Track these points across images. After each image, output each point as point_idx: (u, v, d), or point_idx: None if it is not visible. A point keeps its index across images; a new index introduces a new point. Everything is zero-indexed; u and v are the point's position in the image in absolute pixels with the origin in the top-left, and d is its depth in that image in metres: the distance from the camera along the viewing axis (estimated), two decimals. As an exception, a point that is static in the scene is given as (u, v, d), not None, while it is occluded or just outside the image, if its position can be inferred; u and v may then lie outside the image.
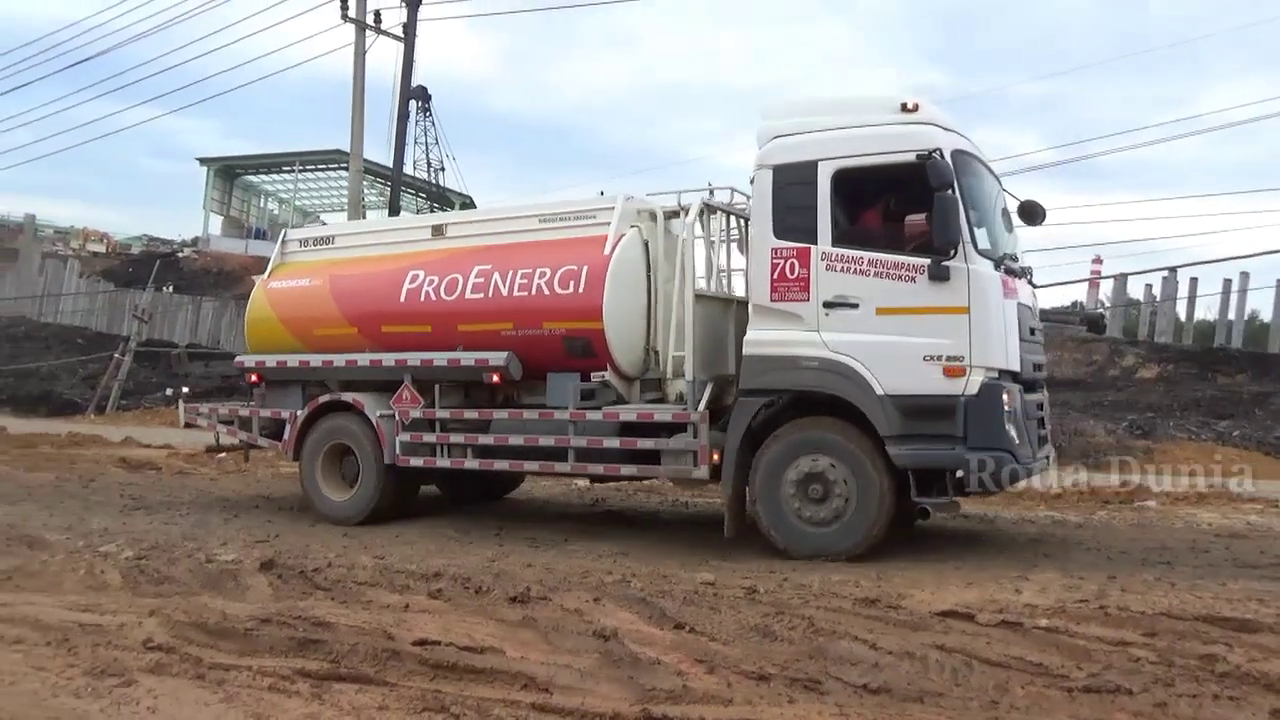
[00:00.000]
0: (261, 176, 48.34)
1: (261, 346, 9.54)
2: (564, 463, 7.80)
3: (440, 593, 5.68)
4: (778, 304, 6.89)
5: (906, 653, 4.48)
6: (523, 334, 7.89)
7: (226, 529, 8.24)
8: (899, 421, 6.47)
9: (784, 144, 7.02)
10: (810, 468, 6.78)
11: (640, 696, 4.00)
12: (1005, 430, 6.37)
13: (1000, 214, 7.40)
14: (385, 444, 8.42)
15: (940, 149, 6.44)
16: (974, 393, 6.33)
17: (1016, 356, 6.63)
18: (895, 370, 6.51)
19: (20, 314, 30.80)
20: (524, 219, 8.53)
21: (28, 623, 5.05)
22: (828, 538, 6.75)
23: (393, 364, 8.48)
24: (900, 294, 6.54)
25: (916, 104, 6.71)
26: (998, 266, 6.62)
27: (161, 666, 4.39)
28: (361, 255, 9.25)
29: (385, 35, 18.42)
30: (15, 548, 7.04)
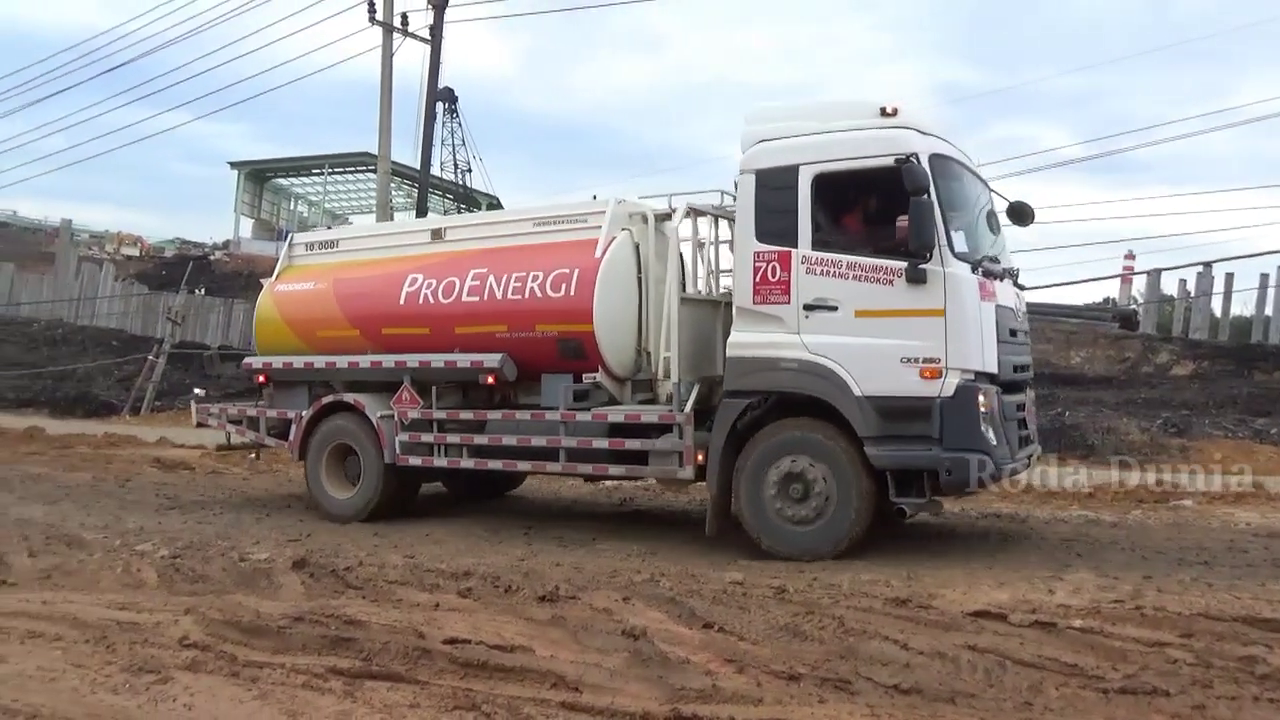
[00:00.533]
0: (291, 179, 48.84)
1: (269, 348, 9.76)
2: (555, 463, 7.96)
3: (470, 591, 5.71)
4: (760, 306, 6.98)
5: (938, 653, 4.45)
6: (517, 336, 8.04)
7: (259, 528, 8.34)
8: (877, 422, 6.54)
9: (766, 148, 7.10)
10: (791, 468, 6.86)
11: (670, 696, 4.00)
12: (981, 432, 6.42)
13: (984, 216, 7.42)
14: (385, 444, 8.61)
15: (916, 153, 6.47)
16: (950, 395, 6.40)
17: (994, 359, 6.66)
18: (873, 372, 6.59)
19: (58, 317, 31.30)
20: (519, 222, 8.77)
21: (67, 620, 5.14)
22: (809, 536, 6.82)
23: (392, 365, 8.67)
24: (878, 297, 6.61)
25: (895, 108, 6.74)
26: (975, 269, 6.64)
27: (197, 664, 4.45)
28: (364, 259, 9.47)
29: (412, 38, 18.52)
30: (54, 546, 7.16)
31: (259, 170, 46.83)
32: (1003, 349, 6.79)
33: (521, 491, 10.90)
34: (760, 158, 7.09)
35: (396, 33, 18.12)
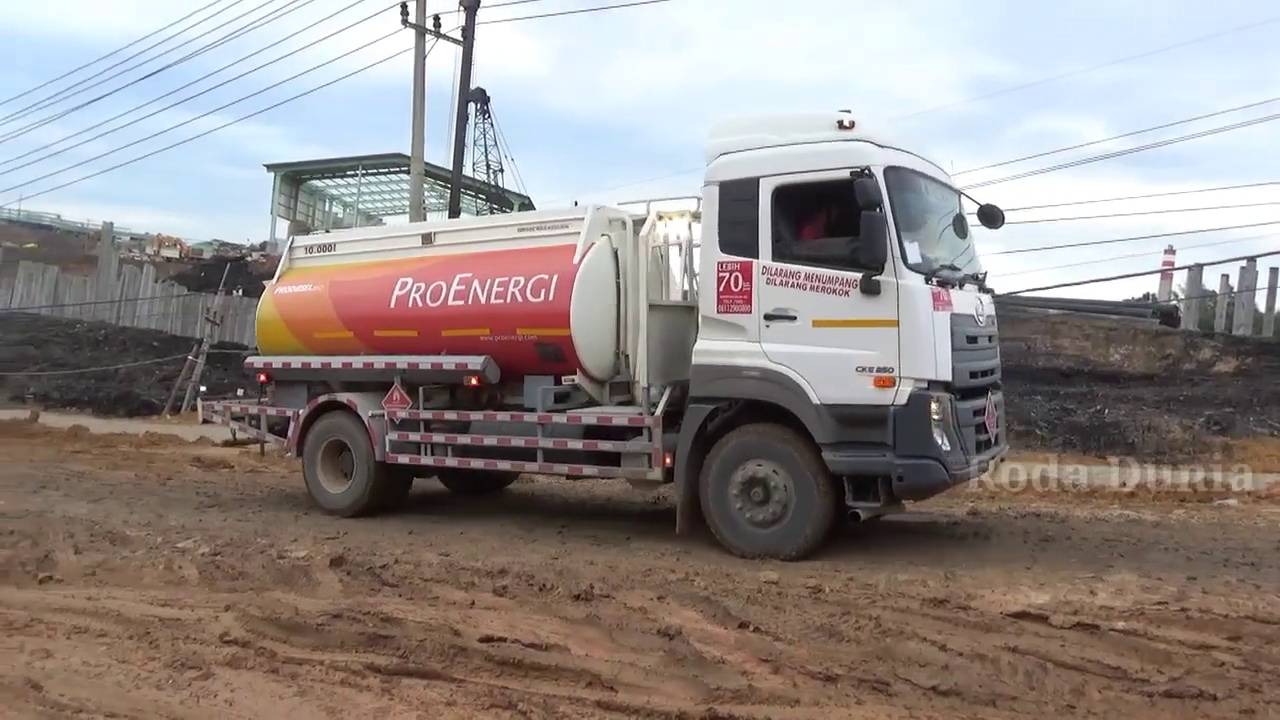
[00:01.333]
0: (326, 181, 49.37)
1: (269, 348, 10.09)
2: (533, 462, 8.18)
3: (505, 590, 5.74)
4: (724, 315, 7.14)
5: (977, 655, 4.40)
6: (499, 339, 8.25)
7: (297, 526, 8.44)
8: (834, 429, 6.68)
9: (729, 161, 7.24)
10: (754, 472, 7.02)
11: (705, 696, 3.99)
12: (933, 439, 6.52)
13: (950, 224, 7.47)
14: (376, 442, 8.89)
15: (870, 167, 6.58)
16: (903, 403, 6.51)
17: (947, 367, 6.73)
18: (830, 380, 6.71)
19: (100, 319, 31.90)
20: (504, 228, 9.18)
21: (111, 616, 5.24)
22: (770, 538, 6.96)
23: (383, 366, 8.95)
24: (834, 307, 6.73)
25: (852, 121, 6.82)
26: (929, 280, 6.70)
27: (238, 660, 4.51)
28: (358, 262, 9.74)
29: (444, 39, 18.64)
30: (99, 543, 7.30)
31: (295, 172, 47.40)
32: (959, 357, 6.88)
33: (555, 490, 10.93)
34: (723, 170, 7.25)
35: (429, 34, 18.23)
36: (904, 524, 8.58)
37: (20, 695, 4.04)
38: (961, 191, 7.92)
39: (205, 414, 11.08)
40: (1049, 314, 24.42)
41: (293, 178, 47.44)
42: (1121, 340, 21.68)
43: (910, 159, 7.14)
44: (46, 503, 9.56)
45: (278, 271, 10.50)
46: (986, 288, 7.93)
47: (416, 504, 9.68)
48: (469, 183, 31.79)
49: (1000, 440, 7.77)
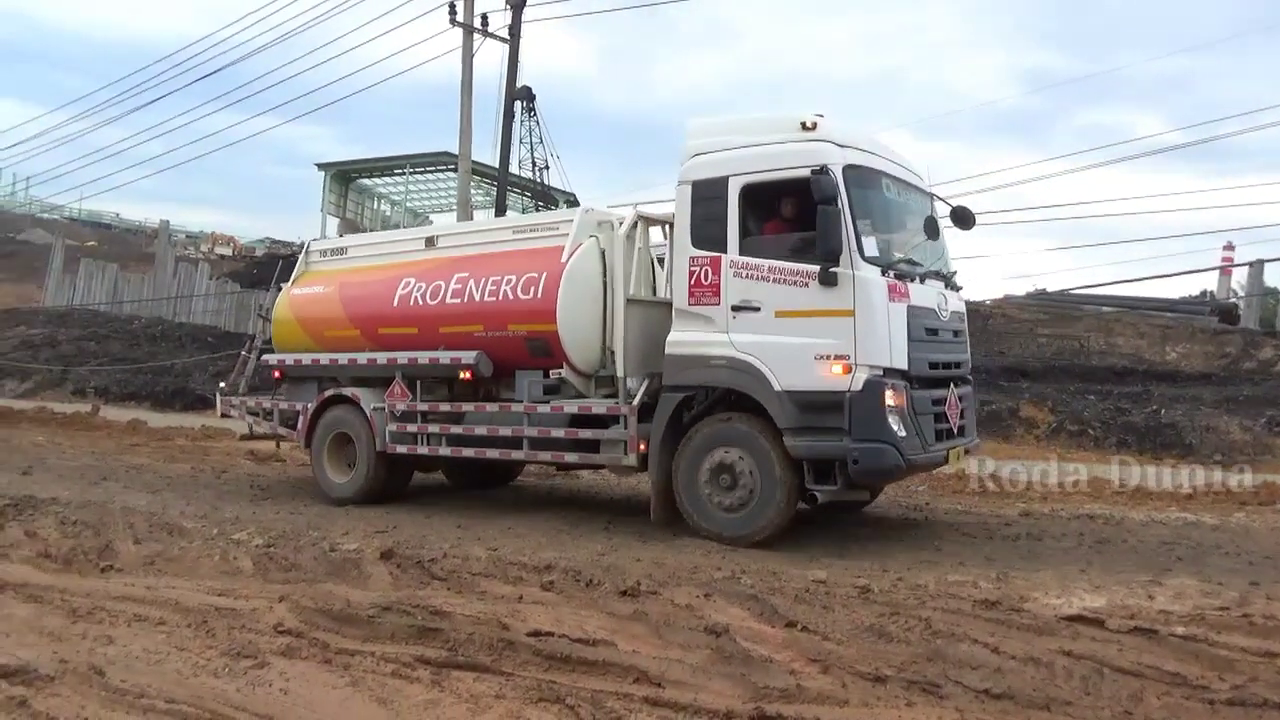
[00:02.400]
0: (375, 180, 49.96)
1: (284, 346, 10.70)
2: (520, 450, 8.55)
3: (552, 585, 5.76)
4: (694, 308, 7.52)
5: (1031, 658, 4.33)
6: (492, 335, 8.69)
7: (348, 519, 8.57)
8: (795, 415, 6.99)
9: (701, 161, 7.65)
10: (722, 458, 7.33)
11: (754, 694, 3.97)
12: (887, 424, 6.78)
13: (917, 221, 7.75)
14: (377, 433, 9.36)
15: (828, 165, 6.90)
16: (858, 389, 6.79)
17: (903, 356, 6.99)
18: (791, 368, 7.02)
19: (157, 315, 32.70)
20: (500, 230, 9.77)
21: (169, 605, 5.36)
22: (738, 522, 7.28)
23: (385, 362, 9.45)
24: (795, 298, 7.06)
25: (815, 122, 7.18)
26: (885, 272, 6.97)
27: (292, 650, 4.59)
28: (366, 264, 10.29)
29: (492, 38, 18.79)
30: (157, 534, 7.47)
31: (344, 171, 48.05)
32: (917, 347, 7.12)
33: (599, 487, 10.98)
34: (695, 170, 7.64)
35: (476, 33, 18.38)
36: (953, 524, 8.50)
37: (85, 680, 4.16)
38: (934, 194, 8.25)
39: (223, 408, 11.66)
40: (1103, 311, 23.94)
41: (342, 176, 48.09)
42: (1178, 338, 21.18)
43: (872, 159, 7.44)
44: (107, 494, 9.82)
45: (294, 274, 11.09)
46: (956, 285, 8.21)
47: (464, 501, 9.78)
48: (515, 180, 31.98)
49: (968, 432, 8.00)
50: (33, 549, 6.93)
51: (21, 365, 28.86)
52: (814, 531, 8.02)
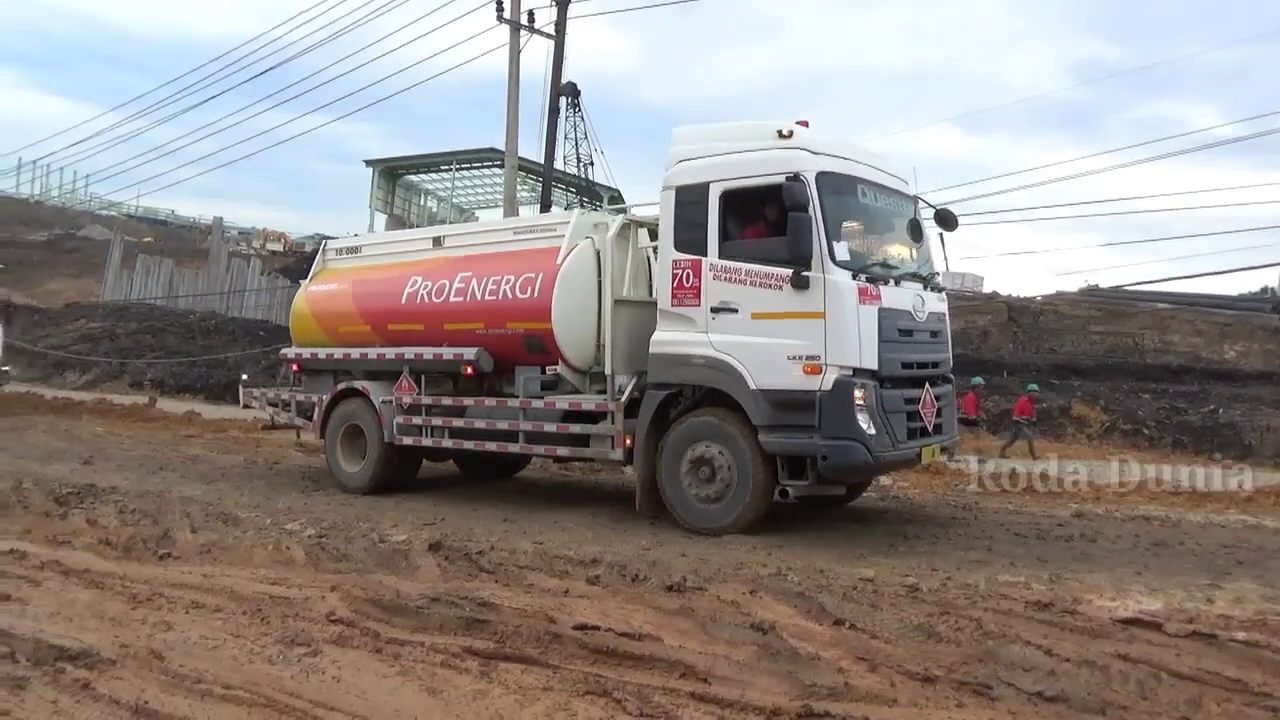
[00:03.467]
0: (421, 176, 50.49)
1: (301, 340, 11.16)
2: (516, 443, 8.92)
3: (598, 579, 5.79)
4: (677, 309, 7.82)
5: (1085, 661, 4.25)
6: (493, 332, 9.03)
7: (396, 511, 8.68)
8: (769, 413, 7.25)
9: (684, 167, 7.94)
10: (702, 452, 7.64)
11: (801, 692, 3.95)
12: (856, 422, 7.00)
13: (898, 225, 8.05)
14: (385, 425, 9.73)
15: (801, 172, 7.15)
16: (828, 388, 7.04)
17: (873, 356, 7.20)
18: (765, 367, 7.29)
19: (211, 309, 33.43)
20: (503, 232, 10.09)
21: (225, 593, 5.48)
22: (715, 513, 7.57)
23: (393, 357, 9.86)
24: (770, 301, 7.32)
25: (790, 130, 7.44)
26: (857, 275, 7.20)
27: (343, 639, 4.67)
28: (378, 263, 10.73)
29: (538, 34, 18.86)
30: (213, 523, 7.64)
31: (392, 168, 48.62)
32: (888, 348, 7.34)
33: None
34: (679, 176, 7.93)
35: (523, 30, 18.46)
36: (1003, 523, 8.38)
37: (145, 664, 4.27)
38: (919, 197, 8.46)
39: (245, 399, 12.21)
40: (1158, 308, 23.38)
41: (390, 173, 48.67)
42: (1237, 336, 20.63)
43: (849, 165, 7.65)
44: (165, 483, 10.07)
45: (312, 271, 11.57)
46: (938, 287, 8.38)
47: (509, 495, 9.86)
48: (559, 176, 32.11)
49: (946, 430, 8.14)
50: (94, 536, 7.13)
51: (82, 358, 29.70)
52: (861, 530, 7.96)
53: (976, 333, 31.43)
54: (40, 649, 4.43)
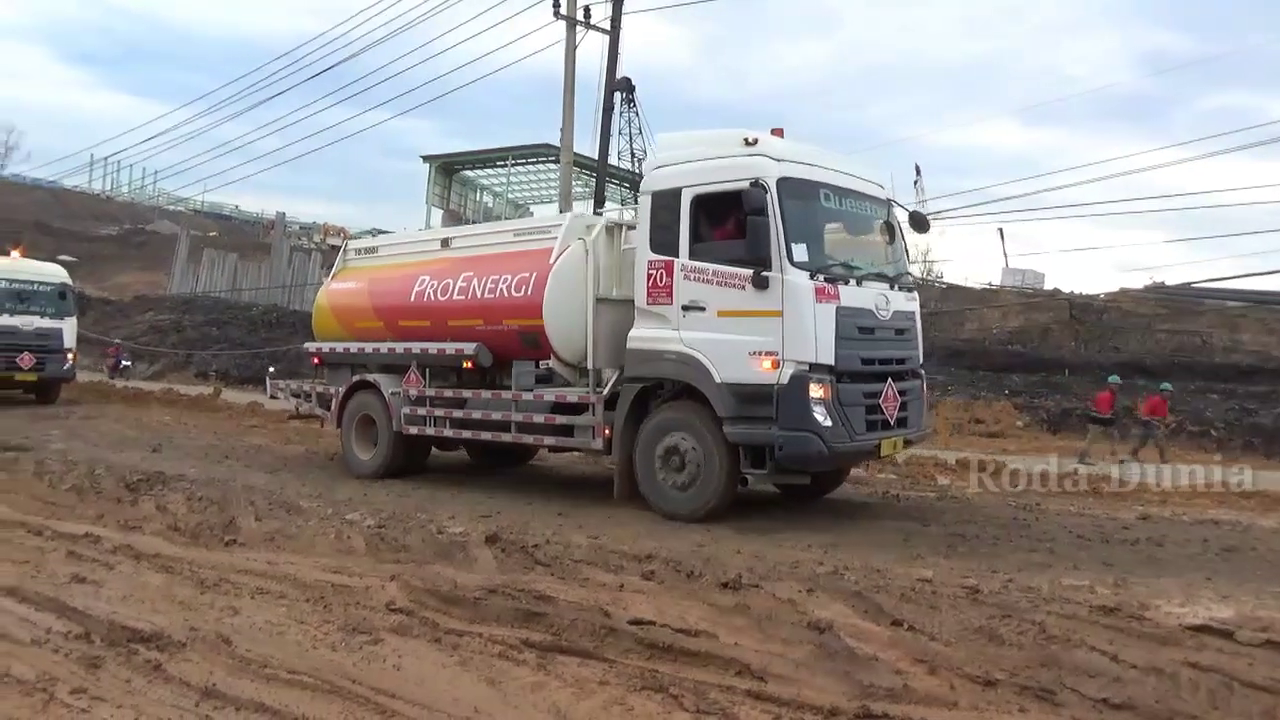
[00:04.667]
0: (477, 171, 51.01)
1: (322, 335, 11.83)
2: (509, 433, 9.43)
3: (653, 574, 5.79)
4: (651, 307, 8.25)
5: (1153, 668, 4.14)
6: (491, 329, 9.54)
7: (454, 503, 8.79)
8: (732, 405, 7.64)
9: (660, 174, 8.42)
10: (673, 442, 8.06)
11: (858, 692, 3.92)
12: (811, 415, 7.37)
13: (859, 227, 8.48)
14: (394, 415, 10.27)
15: (761, 178, 7.56)
16: (785, 383, 7.41)
17: (829, 352, 7.52)
18: (729, 362, 7.69)
19: (273, 302, 34.25)
20: (504, 234, 10.63)
21: (289, 580, 5.62)
22: (684, 500, 7.99)
23: (402, 351, 10.42)
24: (734, 299, 7.72)
25: (755, 139, 7.87)
26: (814, 276, 7.52)
27: (403, 628, 4.75)
28: (392, 263, 11.33)
29: (594, 29, 18.92)
30: (276, 512, 7.82)
31: (448, 163, 49.20)
32: (847, 345, 7.65)
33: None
34: (655, 181, 8.41)
35: (579, 26, 18.52)
36: (1066, 525, 8.21)
37: (213, 648, 4.39)
38: (892, 200, 8.79)
39: (272, 390, 13.13)
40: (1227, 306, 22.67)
41: (446, 168, 49.25)
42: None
43: (812, 170, 7.98)
44: (230, 472, 10.34)
45: (333, 270, 12.28)
46: (907, 286, 8.69)
47: (565, 489, 9.93)
48: (614, 172, 32.15)
49: (911, 423, 8.40)
50: (163, 522, 7.36)
51: (151, 349, 30.60)
52: (918, 529, 7.86)
53: (1037, 331, 30.82)
54: (114, 630, 4.59)
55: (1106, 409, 15.12)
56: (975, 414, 19.39)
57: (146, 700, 3.79)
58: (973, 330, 31.90)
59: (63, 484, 8.99)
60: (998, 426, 18.63)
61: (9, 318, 18.26)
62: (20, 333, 18.31)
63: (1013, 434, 18.14)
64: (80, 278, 36.04)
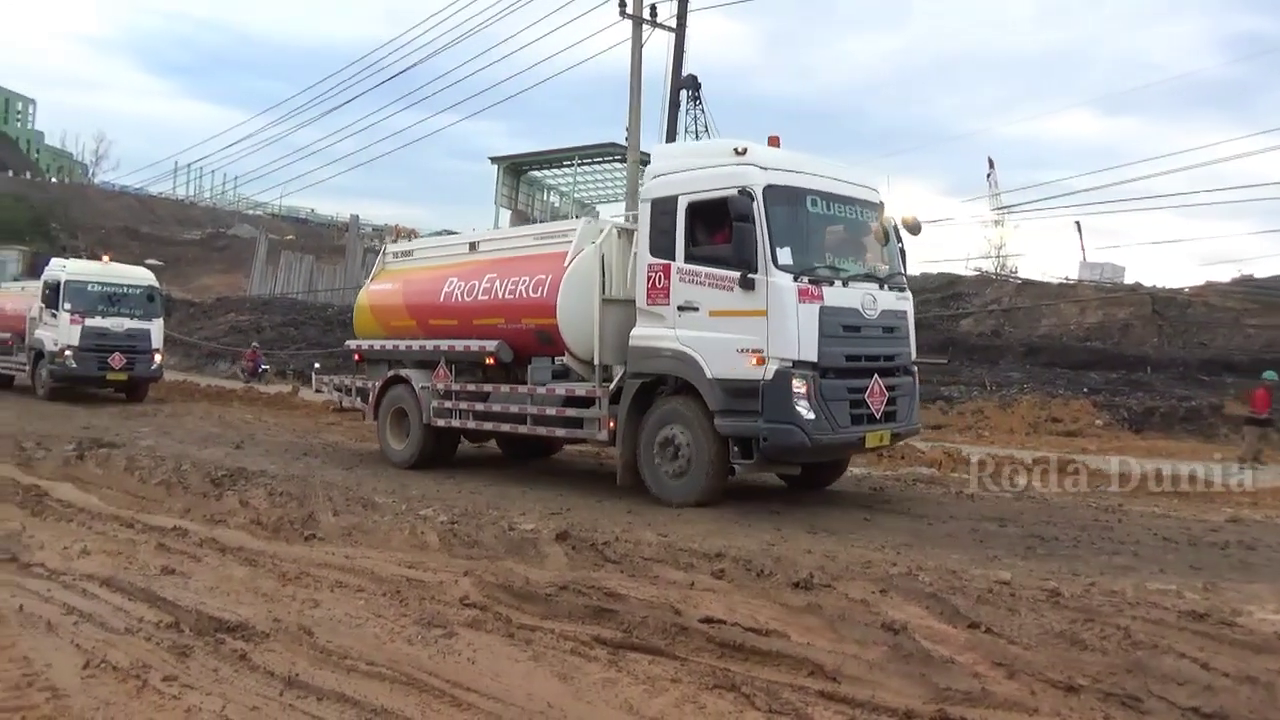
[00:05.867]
0: (544, 171, 51.36)
1: (362, 334, 12.60)
2: (524, 425, 10.02)
3: (723, 573, 5.77)
4: (651, 307, 8.77)
5: (1247, 677, 3.98)
6: (511, 327, 10.15)
7: (524, 500, 8.89)
8: (723, 399, 8.11)
9: (659, 182, 8.94)
10: (669, 433, 8.56)
11: (935, 695, 3.85)
12: (794, 408, 7.81)
13: (848, 230, 8.84)
14: (424, 408, 10.92)
15: (748, 186, 8.02)
16: (770, 378, 7.86)
17: (812, 349, 7.93)
18: (720, 359, 8.16)
19: (347, 303, 35.02)
20: (526, 238, 11.29)
21: (366, 574, 5.75)
22: (679, 488, 8.50)
23: (431, 348, 11.17)
24: (724, 300, 8.18)
25: (745, 148, 8.33)
26: (798, 278, 7.93)
27: (477, 622, 4.82)
28: (425, 265, 12.02)
29: (660, 28, 18.89)
30: (353, 507, 8.02)
31: (516, 164, 49.64)
32: (831, 342, 8.05)
33: (768, 478, 10.90)
34: (654, 189, 8.94)
35: (645, 24, 18.51)
36: (1150, 527, 7.95)
37: (296, 639, 4.52)
38: (883, 204, 9.08)
39: (317, 385, 14.16)
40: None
41: (514, 169, 49.70)
42: None
43: (799, 178, 8.39)
44: (308, 468, 10.63)
45: (372, 272, 13.13)
46: (898, 286, 8.98)
47: (636, 486, 9.93)
48: (680, 169, 32.03)
49: (900, 418, 8.71)
50: (246, 517, 7.60)
51: (232, 349, 31.60)
52: (995, 530, 7.69)
53: (1117, 326, 29.89)
54: (202, 620, 4.75)
55: (1264, 408, 14.51)
56: (1052, 412, 18.88)
57: (234, 689, 3.92)
58: (1049, 326, 31.07)
59: (152, 479, 9.35)
60: (1076, 425, 18.10)
61: (101, 320, 19.07)
62: (111, 334, 19.11)
63: (1092, 433, 17.61)
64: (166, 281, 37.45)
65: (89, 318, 18.91)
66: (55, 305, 19.00)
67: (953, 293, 37.80)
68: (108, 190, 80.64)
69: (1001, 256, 51.87)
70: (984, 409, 19.23)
